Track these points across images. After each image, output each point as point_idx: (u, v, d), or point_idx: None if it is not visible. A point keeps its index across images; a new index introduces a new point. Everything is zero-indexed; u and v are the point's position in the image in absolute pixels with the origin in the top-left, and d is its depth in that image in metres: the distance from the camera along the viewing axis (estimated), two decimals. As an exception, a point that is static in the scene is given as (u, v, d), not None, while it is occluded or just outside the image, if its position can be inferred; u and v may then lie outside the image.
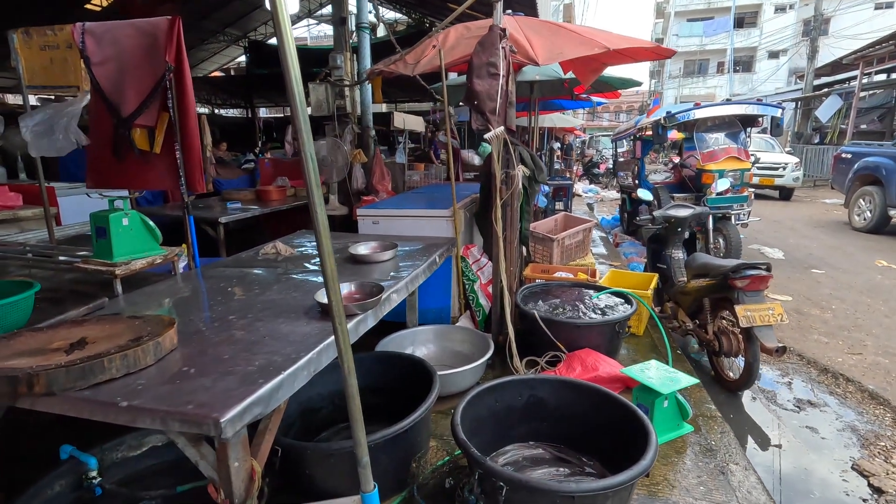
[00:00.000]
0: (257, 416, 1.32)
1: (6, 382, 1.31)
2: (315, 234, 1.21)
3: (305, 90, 5.40)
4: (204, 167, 2.52)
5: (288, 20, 1.04)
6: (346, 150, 4.81)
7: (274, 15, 1.02)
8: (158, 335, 1.54)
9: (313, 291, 2.18)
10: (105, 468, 1.92)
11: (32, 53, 2.61)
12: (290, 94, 1.08)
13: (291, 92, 1.07)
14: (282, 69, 1.06)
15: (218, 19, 15.66)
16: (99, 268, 2.20)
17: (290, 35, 1.05)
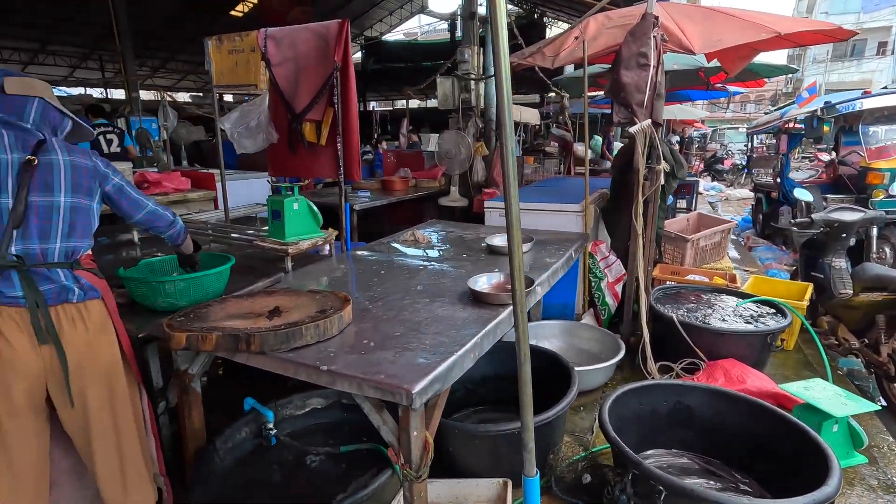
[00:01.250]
0: (436, 392, 1.42)
1: (231, 340, 1.54)
2: (507, 228, 1.26)
3: (431, 84, 5.59)
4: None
5: (505, 31, 1.08)
6: (469, 143, 4.90)
7: (492, 22, 1.08)
8: (340, 309, 1.72)
9: (459, 279, 2.29)
10: (277, 422, 2.19)
11: (222, 57, 3.00)
12: (499, 96, 1.13)
13: (500, 94, 1.13)
14: (495, 75, 1.11)
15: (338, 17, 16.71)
16: (274, 246, 2.49)
17: (505, 42, 1.09)
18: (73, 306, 1.50)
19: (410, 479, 1.43)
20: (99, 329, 1.55)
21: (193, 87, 22.48)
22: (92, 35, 15.59)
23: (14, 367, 1.41)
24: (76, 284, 1.51)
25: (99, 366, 1.54)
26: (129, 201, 1.71)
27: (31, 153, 1.45)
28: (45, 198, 1.46)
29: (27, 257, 1.43)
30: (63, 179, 1.50)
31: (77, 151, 1.57)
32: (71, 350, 1.48)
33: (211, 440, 2.00)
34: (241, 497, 1.90)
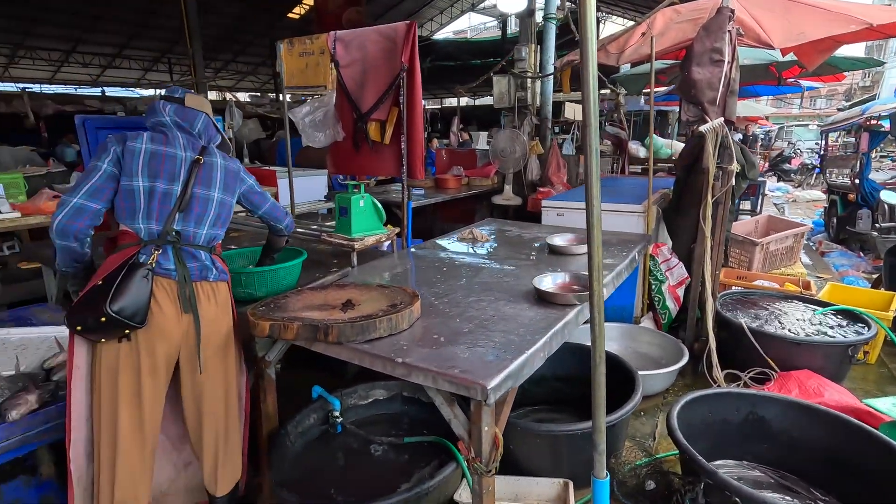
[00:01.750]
0: (509, 389, 1.44)
1: (310, 330, 1.62)
2: (587, 229, 1.26)
3: (482, 82, 5.59)
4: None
5: (594, 30, 1.08)
6: (524, 141, 4.88)
7: (581, 21, 1.08)
8: (410, 304, 1.77)
9: (521, 277, 2.29)
10: (342, 411, 2.27)
11: (293, 59, 3.14)
12: (585, 96, 1.13)
13: (587, 95, 1.13)
14: (581, 74, 1.11)
15: (390, 18, 16.99)
16: (341, 241, 2.58)
17: (594, 42, 1.09)
18: (209, 284, 1.73)
19: (480, 472, 1.46)
20: (223, 308, 1.77)
21: (252, 88, 23.49)
22: (164, 40, 16.60)
23: (162, 330, 1.60)
24: (213, 266, 1.75)
25: (220, 339, 1.75)
26: (258, 196, 1.99)
27: (198, 154, 1.76)
28: (205, 191, 1.75)
29: (183, 236, 1.70)
30: (219, 178, 1.80)
31: (229, 158, 1.89)
32: (204, 322, 1.68)
33: (283, 424, 2.11)
34: (310, 480, 1.99)
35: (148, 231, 1.65)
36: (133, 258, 1.59)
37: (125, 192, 1.64)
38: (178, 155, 1.72)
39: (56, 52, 16.62)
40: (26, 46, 15.80)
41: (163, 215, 1.66)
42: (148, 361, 1.60)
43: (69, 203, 1.60)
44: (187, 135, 1.80)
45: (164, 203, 1.67)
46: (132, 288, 1.52)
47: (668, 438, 2.44)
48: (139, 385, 1.59)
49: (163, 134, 1.75)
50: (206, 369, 1.72)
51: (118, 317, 1.47)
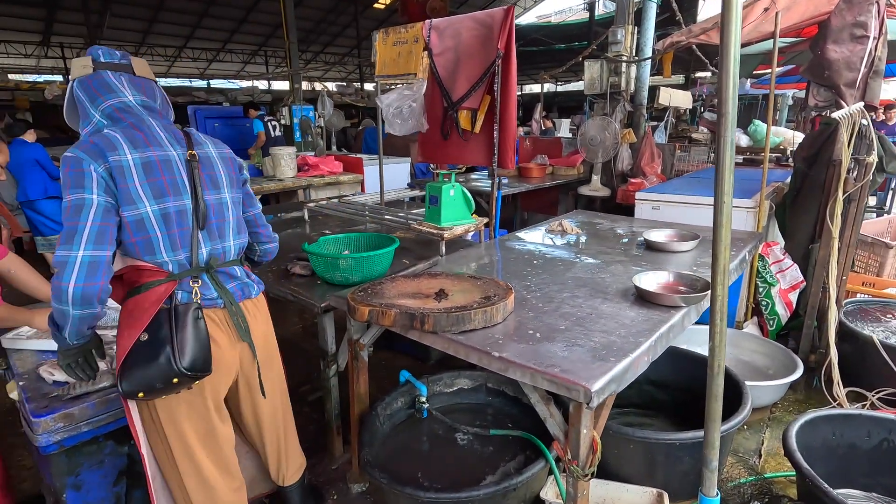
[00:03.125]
0: (612, 392, 1.37)
1: (407, 317, 1.65)
2: (714, 228, 1.15)
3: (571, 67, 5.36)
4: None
5: (738, 6, 0.97)
6: (616, 130, 4.63)
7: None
8: (505, 297, 1.74)
9: (618, 274, 2.18)
10: (427, 397, 2.31)
11: (386, 48, 3.19)
12: (724, 80, 1.02)
13: (726, 78, 1.02)
14: (720, 55, 1.00)
15: (472, 5, 16.83)
16: (430, 230, 2.60)
17: (739, 18, 0.98)
18: (252, 301, 1.54)
19: (577, 475, 1.41)
20: (267, 319, 1.64)
21: (338, 77, 24.46)
22: (261, 34, 17.72)
23: (220, 364, 1.44)
24: (250, 279, 1.55)
25: (272, 351, 1.67)
26: (248, 195, 1.64)
27: (188, 147, 1.40)
28: (215, 194, 1.43)
29: (214, 258, 1.43)
30: (222, 174, 1.46)
31: (217, 142, 1.53)
32: (258, 343, 1.55)
33: (373, 405, 2.18)
34: (398, 461, 2.05)
35: (177, 263, 1.37)
36: (172, 300, 1.34)
37: (132, 224, 1.29)
38: (171, 156, 1.35)
39: (170, 48, 18.32)
40: (147, 44, 17.57)
41: (185, 239, 1.37)
42: (213, 400, 1.48)
43: (74, 260, 1.20)
44: (158, 118, 1.40)
45: (183, 224, 1.36)
46: (191, 335, 1.30)
47: (776, 457, 2.24)
48: (211, 426, 1.49)
49: (133, 127, 1.33)
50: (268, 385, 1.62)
51: (192, 373, 1.29)
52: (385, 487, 1.78)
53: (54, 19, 14.47)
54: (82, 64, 1.36)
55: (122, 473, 1.69)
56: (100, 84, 1.34)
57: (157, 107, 1.42)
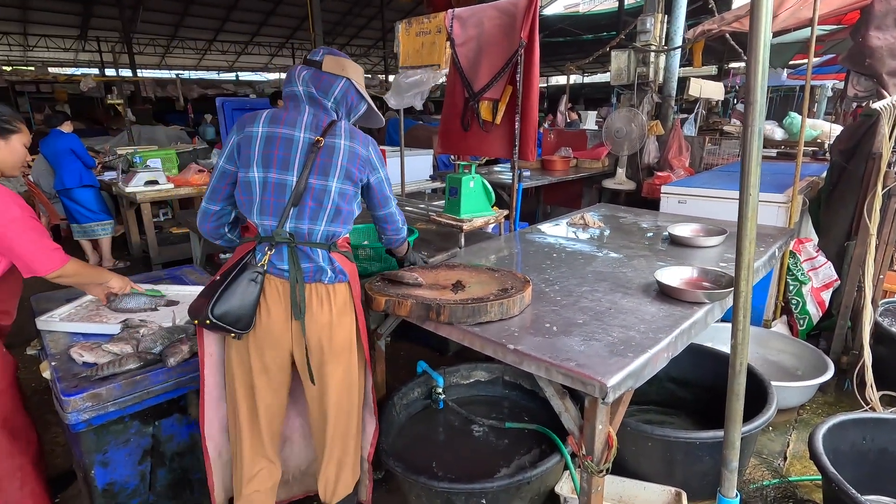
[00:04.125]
0: (629, 389, 1.34)
1: (423, 308, 1.65)
2: (739, 221, 1.11)
3: (598, 58, 5.24)
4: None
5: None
6: (643, 121, 4.52)
7: None
8: (522, 290, 1.72)
9: (640, 269, 2.13)
10: (444, 388, 2.31)
11: (410, 39, 3.17)
12: (753, 69, 0.98)
13: (754, 66, 0.97)
14: (749, 41, 0.96)
15: (503, -5, 16.53)
16: (450, 221, 2.59)
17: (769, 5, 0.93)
18: (324, 287, 1.55)
19: (591, 471, 1.39)
20: (341, 311, 1.58)
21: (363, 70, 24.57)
22: (288, 27, 17.91)
23: (270, 334, 1.52)
24: (330, 266, 1.55)
25: (337, 345, 1.58)
26: (381, 197, 1.70)
27: (320, 134, 1.51)
28: (321, 180, 1.51)
29: (297, 235, 1.52)
30: (339, 164, 1.52)
31: (359, 139, 1.57)
32: (315, 328, 1.54)
33: (390, 395, 2.20)
34: (413, 451, 2.06)
35: (263, 227, 1.52)
36: (247, 256, 1.50)
37: (242, 184, 1.52)
38: (296, 137, 1.50)
39: (201, 41, 18.70)
40: (178, 37, 17.97)
41: (277, 210, 1.49)
42: (258, 363, 1.56)
43: (201, 207, 1.62)
44: (318, 108, 1.56)
45: (279, 196, 1.49)
46: (238, 291, 1.44)
47: (802, 460, 2.17)
48: (252, 381, 1.58)
49: (287, 110, 1.55)
50: (325, 376, 1.59)
51: (219, 322, 1.43)
52: (400, 476, 1.80)
53: (91, 14, 14.93)
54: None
55: (146, 453, 1.75)
56: (287, 77, 1.61)
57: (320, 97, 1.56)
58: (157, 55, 19.70)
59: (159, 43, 18.40)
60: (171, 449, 1.81)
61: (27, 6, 13.97)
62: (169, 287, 2.33)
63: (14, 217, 1.60)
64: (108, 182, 5.07)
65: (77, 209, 4.82)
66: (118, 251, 5.32)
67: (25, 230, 1.62)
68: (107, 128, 11.54)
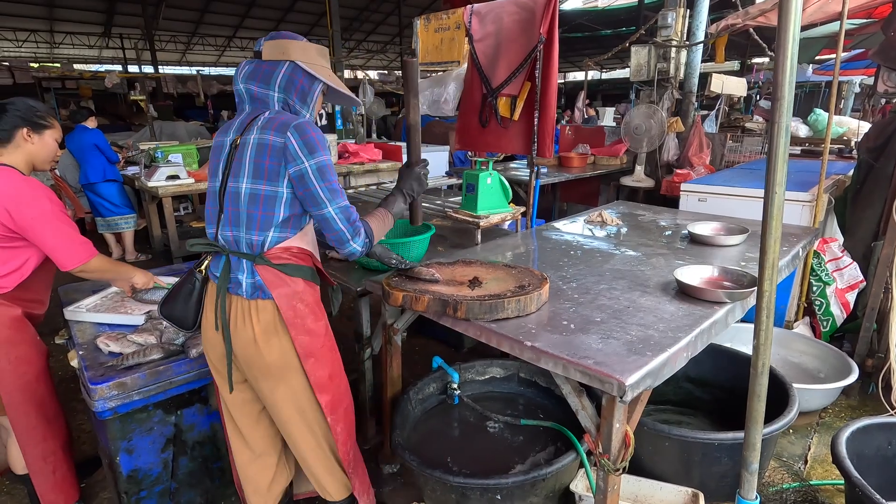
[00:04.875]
0: (647, 388, 1.33)
1: (440, 304, 1.65)
2: (764, 219, 1.09)
3: (616, 53, 5.17)
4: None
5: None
6: (663, 118, 4.45)
7: None
8: (539, 287, 1.72)
9: (658, 267, 2.11)
10: (459, 384, 2.32)
11: (428, 35, 3.17)
12: (781, 62, 0.96)
13: (783, 61, 0.95)
14: (777, 35, 0.94)
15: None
16: (466, 218, 2.60)
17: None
18: (245, 301, 1.41)
19: (608, 470, 1.39)
20: (266, 330, 1.42)
21: (380, 66, 24.63)
22: (305, 23, 18.02)
23: (207, 338, 1.53)
24: (249, 280, 1.41)
25: (267, 364, 1.44)
26: (308, 193, 1.38)
27: (240, 132, 1.41)
28: (234, 183, 1.40)
29: (227, 243, 1.44)
30: (246, 163, 1.37)
31: (273, 126, 1.36)
32: (239, 341, 1.44)
33: (405, 390, 2.21)
34: (428, 446, 2.08)
35: (208, 235, 1.51)
36: (199, 261, 1.53)
37: None
38: (223, 142, 1.45)
39: (220, 38, 18.93)
40: (198, 34, 18.22)
41: (212, 219, 1.47)
42: (211, 362, 1.57)
43: None
44: (259, 104, 1.44)
45: (213, 204, 1.47)
46: (182, 293, 1.49)
47: (823, 464, 2.13)
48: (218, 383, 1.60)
49: (236, 114, 1.52)
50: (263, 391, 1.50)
51: (167, 318, 1.51)
52: (415, 470, 1.81)
53: (115, 12, 15.21)
54: None
55: (169, 441, 1.79)
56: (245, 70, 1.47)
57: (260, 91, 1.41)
58: (178, 52, 20.01)
59: (180, 40, 18.68)
60: (192, 438, 1.85)
61: (54, 4, 14.30)
62: (190, 280, 2.37)
63: (44, 210, 1.65)
64: (131, 176, 5.18)
65: (101, 203, 4.94)
66: (140, 244, 5.44)
67: (55, 224, 1.67)
68: (129, 123, 11.79)
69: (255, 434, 1.64)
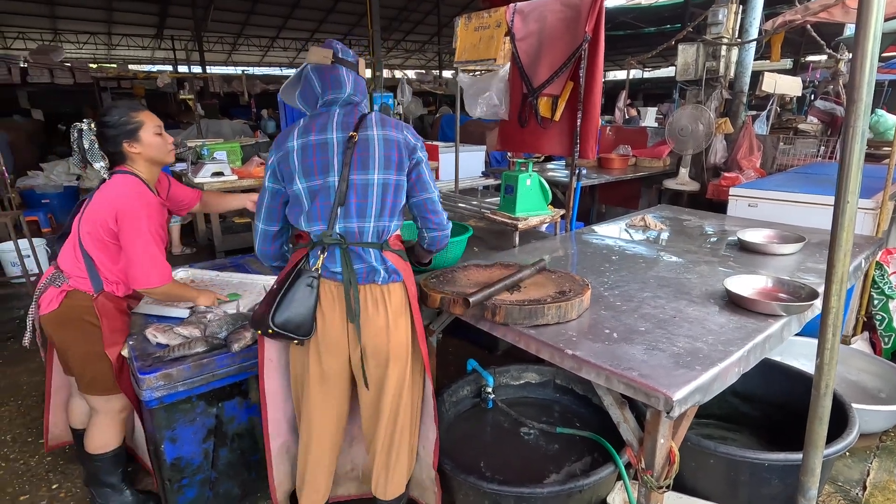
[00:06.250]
0: (696, 403, 1.27)
1: (478, 308, 1.63)
2: (834, 229, 1.01)
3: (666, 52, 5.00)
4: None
5: None
6: (710, 119, 4.27)
7: None
8: (581, 293, 1.67)
9: (706, 276, 2.02)
10: (494, 388, 2.29)
11: (468, 34, 3.14)
12: (860, 60, 0.88)
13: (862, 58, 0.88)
14: (857, 30, 0.87)
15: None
16: (504, 220, 2.56)
17: None
18: (378, 287, 1.52)
19: (651, 486, 1.33)
20: (397, 312, 1.54)
21: (417, 65, 24.76)
22: (346, 24, 18.31)
23: (328, 340, 1.51)
24: (383, 266, 1.52)
25: (394, 349, 1.55)
26: (421, 181, 1.58)
27: (353, 130, 1.48)
28: (362, 175, 1.47)
29: (347, 235, 1.49)
30: (377, 155, 1.48)
31: (391, 124, 1.54)
32: (371, 331, 1.51)
33: (439, 392, 2.20)
34: (462, 450, 2.06)
35: (314, 233, 1.51)
36: (300, 262, 1.50)
37: (292, 198, 1.52)
38: (329, 139, 1.48)
39: (264, 38, 19.47)
40: (244, 35, 18.81)
41: (324, 214, 1.48)
42: (317, 370, 1.55)
43: (257, 229, 1.61)
44: (346, 105, 1.55)
45: (325, 199, 1.48)
46: (297, 298, 1.43)
47: (884, 491, 2.00)
48: (309, 390, 1.58)
49: (317, 116, 1.53)
50: (383, 379, 1.57)
51: (281, 331, 1.41)
52: (448, 473, 1.80)
53: (167, 14, 15.87)
54: (322, 54, 1.54)
55: (210, 432, 1.84)
56: (334, 78, 1.54)
57: (357, 100, 1.57)
58: (225, 52, 20.70)
59: (227, 41, 19.32)
60: (231, 430, 1.90)
61: (112, 8, 15.05)
62: (233, 275, 2.44)
63: (140, 227, 1.70)
64: (179, 172, 5.39)
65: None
66: (186, 238, 5.65)
67: (144, 240, 1.71)
68: (178, 121, 12.27)
69: (331, 434, 1.68)
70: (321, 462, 1.69)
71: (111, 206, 1.71)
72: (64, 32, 16.58)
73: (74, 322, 1.79)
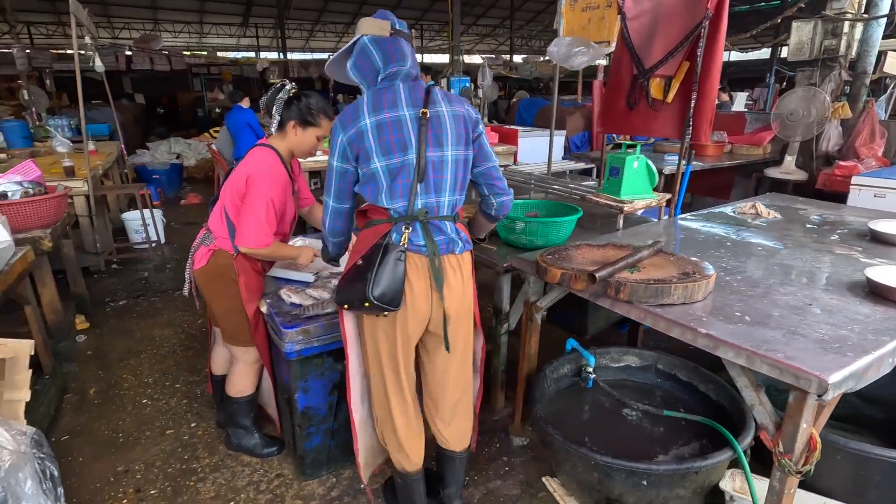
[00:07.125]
0: (848, 390, 1.23)
1: (601, 284, 1.65)
2: None
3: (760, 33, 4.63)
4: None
5: None
6: (826, 102, 3.95)
7: None
8: (706, 276, 1.65)
9: (836, 265, 1.92)
10: (595, 368, 2.30)
11: (575, 15, 3.10)
12: None
13: None
14: None
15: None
16: (609, 202, 2.54)
17: None
18: (456, 257, 1.60)
19: (789, 471, 1.31)
20: (469, 277, 1.66)
21: (487, 50, 24.50)
22: (419, 8, 18.41)
23: (414, 307, 1.57)
24: (458, 237, 1.61)
25: (465, 311, 1.67)
26: (485, 150, 1.65)
27: (422, 106, 1.50)
28: (438, 152, 1.52)
29: (428, 210, 1.55)
30: (449, 132, 1.52)
31: (455, 99, 1.57)
32: (452, 296, 1.60)
33: (541, 367, 2.25)
34: (561, 424, 2.09)
35: (395, 209, 1.54)
36: (386, 238, 1.52)
37: (367, 176, 1.54)
38: (402, 116, 1.49)
39: (340, 24, 20.01)
40: (321, 21, 19.43)
41: (405, 191, 1.52)
42: (402, 335, 1.61)
43: (327, 206, 1.63)
44: (408, 79, 1.54)
45: (406, 177, 1.51)
46: (389, 272, 1.47)
47: None
48: (396, 354, 1.63)
49: (382, 91, 1.51)
50: (452, 341, 1.66)
51: (380, 303, 1.47)
52: (557, 444, 1.85)
53: (253, 3, 16.70)
54: (379, 26, 1.51)
55: (335, 386, 2.01)
56: (397, 50, 1.52)
57: (416, 72, 1.57)
58: (303, 39, 21.52)
59: (305, 27, 20.06)
60: (352, 387, 2.05)
61: (204, -2, 16.08)
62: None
63: (261, 192, 1.87)
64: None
65: (250, 176, 5.51)
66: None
67: (259, 205, 1.87)
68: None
69: (416, 402, 1.76)
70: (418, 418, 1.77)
71: (245, 172, 1.90)
72: (162, 22, 17.90)
73: (219, 278, 2.00)
